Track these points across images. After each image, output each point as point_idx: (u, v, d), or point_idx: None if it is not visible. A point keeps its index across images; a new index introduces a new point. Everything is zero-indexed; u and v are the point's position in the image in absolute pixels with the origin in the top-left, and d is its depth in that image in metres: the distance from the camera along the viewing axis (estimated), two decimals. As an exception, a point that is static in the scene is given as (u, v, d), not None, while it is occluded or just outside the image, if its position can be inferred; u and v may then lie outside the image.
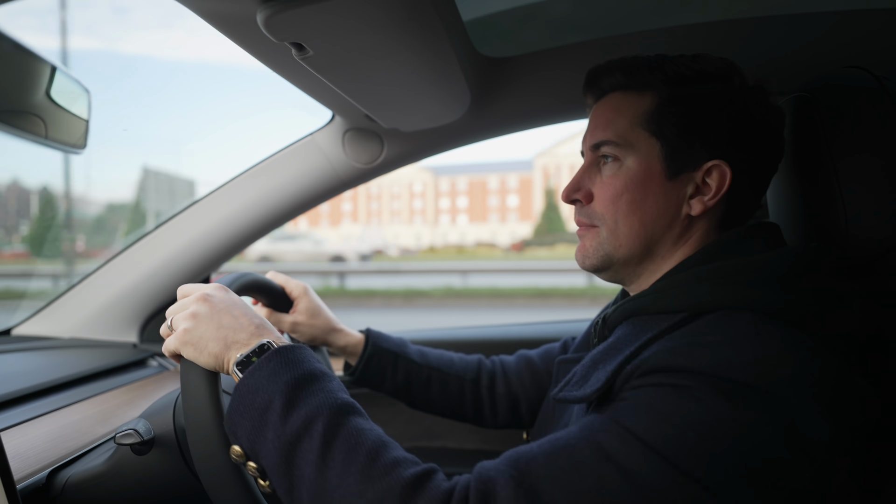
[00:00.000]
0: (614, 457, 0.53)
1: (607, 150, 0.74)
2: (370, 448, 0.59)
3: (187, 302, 0.71)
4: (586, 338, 0.98)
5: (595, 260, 0.76)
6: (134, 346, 1.40)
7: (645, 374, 0.58)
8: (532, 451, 0.58)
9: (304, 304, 1.00)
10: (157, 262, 1.34)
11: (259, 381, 0.63)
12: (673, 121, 0.71)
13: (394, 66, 0.79)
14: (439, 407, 1.07)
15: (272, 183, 1.28)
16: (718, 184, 0.71)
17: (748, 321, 0.60)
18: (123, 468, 0.77)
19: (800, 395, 0.54)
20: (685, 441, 0.52)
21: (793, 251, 0.66)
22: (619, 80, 0.75)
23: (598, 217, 0.75)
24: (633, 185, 0.72)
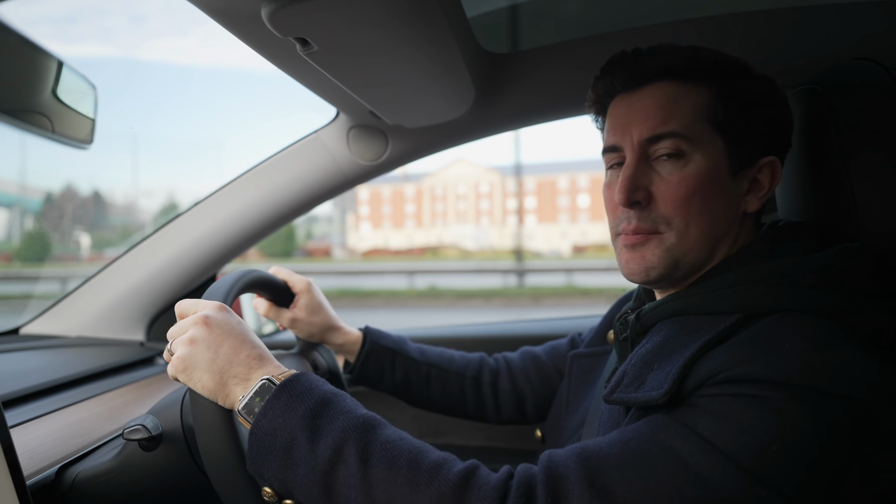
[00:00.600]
0: (693, 466, 0.52)
1: (669, 145, 0.68)
2: (409, 458, 0.59)
3: (186, 324, 0.69)
4: (600, 334, 0.97)
5: (662, 269, 0.69)
6: (141, 344, 1.41)
7: (723, 383, 0.55)
8: (603, 450, 0.56)
9: (306, 300, 1.00)
10: (163, 261, 1.35)
11: (274, 422, 0.61)
12: (734, 115, 0.69)
13: (398, 61, 0.79)
14: (440, 404, 1.07)
15: (277, 181, 1.29)
16: (770, 179, 0.71)
17: (810, 324, 0.58)
18: (132, 464, 0.78)
19: (881, 400, 0.53)
20: (769, 454, 0.51)
21: (841, 252, 0.65)
22: (678, 66, 0.69)
23: (663, 221, 0.69)
24: (705, 184, 0.68)
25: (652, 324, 0.71)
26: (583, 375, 0.93)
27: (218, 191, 1.33)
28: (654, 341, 0.67)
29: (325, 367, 1.05)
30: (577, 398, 0.92)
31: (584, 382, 0.93)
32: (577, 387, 0.93)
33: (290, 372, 0.67)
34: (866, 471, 0.52)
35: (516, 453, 1.38)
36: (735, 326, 0.61)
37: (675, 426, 0.55)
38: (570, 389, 0.94)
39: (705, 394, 0.56)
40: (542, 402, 1.06)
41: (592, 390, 0.89)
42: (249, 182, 1.31)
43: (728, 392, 0.55)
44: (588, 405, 0.87)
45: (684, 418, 0.56)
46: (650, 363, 0.64)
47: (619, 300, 1.00)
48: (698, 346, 0.60)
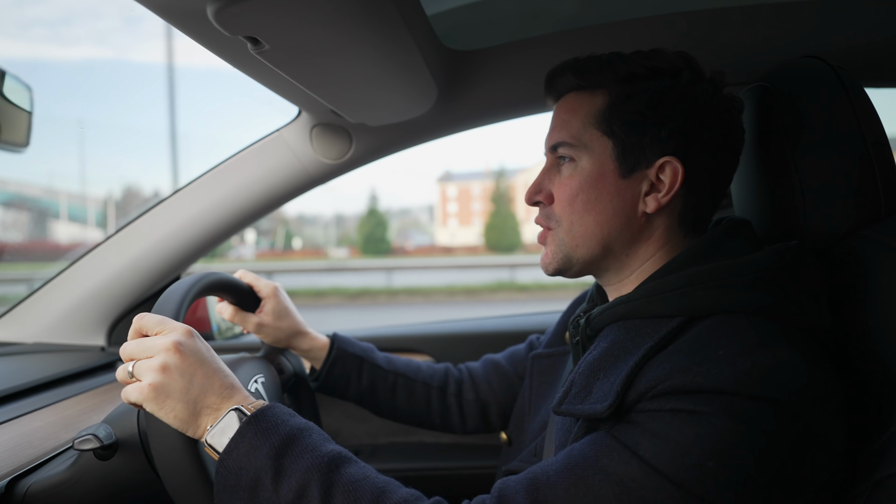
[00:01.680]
0: (635, 491, 0.54)
1: (564, 151, 0.75)
2: (371, 498, 0.59)
3: (153, 347, 0.65)
4: (558, 334, 0.98)
5: (556, 264, 0.77)
6: (102, 349, 1.37)
7: (660, 396, 0.57)
8: (550, 479, 0.58)
9: (272, 305, 0.98)
10: (124, 263, 1.32)
11: (239, 460, 0.61)
12: (623, 119, 0.71)
13: (354, 59, 0.78)
14: (405, 414, 1.06)
15: (240, 180, 1.26)
16: (671, 180, 0.70)
17: (747, 325, 0.60)
18: (87, 474, 0.76)
19: (808, 402, 0.55)
20: (706, 471, 0.53)
21: (779, 251, 0.66)
22: (573, 80, 0.76)
23: (554, 218, 0.76)
24: (588, 185, 0.73)
25: (600, 328, 0.73)
26: (543, 376, 0.94)
27: (179, 191, 1.30)
28: (601, 347, 0.68)
29: (291, 371, 1.04)
30: (538, 399, 0.93)
31: (544, 383, 0.94)
32: (538, 388, 0.94)
33: (258, 403, 0.66)
34: (799, 474, 0.54)
35: (484, 449, 1.38)
36: (676, 331, 0.63)
37: (617, 450, 0.57)
38: (532, 390, 0.95)
39: (644, 409, 0.58)
40: (505, 408, 1.07)
41: (553, 391, 0.90)
42: (211, 182, 1.28)
43: (666, 408, 0.57)
44: (549, 406, 0.87)
45: (626, 439, 0.57)
46: (596, 372, 0.66)
47: (574, 300, 1.02)
48: (640, 356, 0.61)
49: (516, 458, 0.88)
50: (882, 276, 0.64)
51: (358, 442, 1.45)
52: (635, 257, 0.75)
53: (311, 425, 0.66)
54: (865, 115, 0.71)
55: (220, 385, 0.65)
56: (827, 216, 0.72)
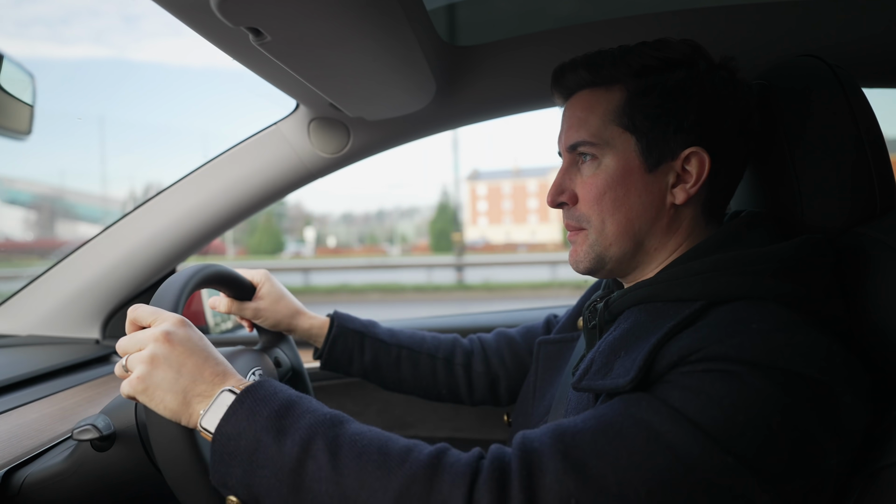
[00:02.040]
0: (664, 436, 0.54)
1: (585, 150, 0.74)
2: (378, 445, 0.58)
3: (144, 339, 0.65)
4: (570, 321, 0.98)
5: (588, 263, 0.75)
6: (96, 342, 1.37)
7: (693, 362, 0.57)
8: (577, 426, 0.57)
9: (267, 289, 0.99)
10: (119, 256, 1.31)
11: (238, 426, 0.60)
12: (644, 113, 0.71)
13: (355, 53, 0.78)
14: (411, 386, 1.06)
15: (237, 173, 1.26)
16: (699, 170, 0.71)
17: (773, 310, 0.60)
18: (84, 465, 0.76)
19: (841, 381, 0.56)
20: (735, 423, 0.53)
21: (803, 243, 0.67)
22: (586, 77, 0.74)
23: (584, 219, 0.74)
24: (615, 183, 0.72)
25: (620, 311, 0.73)
26: (550, 362, 0.94)
27: (175, 183, 1.30)
28: (622, 328, 0.68)
29: (288, 364, 1.04)
30: (544, 384, 0.93)
31: (551, 369, 0.94)
32: (544, 373, 0.94)
33: (251, 381, 0.66)
34: (820, 449, 0.55)
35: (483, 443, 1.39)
36: (698, 313, 0.63)
37: (646, 399, 0.57)
38: (538, 375, 0.95)
39: (677, 372, 0.58)
40: (514, 384, 1.07)
41: (559, 377, 0.90)
42: (208, 175, 1.28)
43: (699, 369, 0.57)
44: (555, 392, 0.88)
45: (657, 392, 0.57)
46: (617, 350, 0.65)
47: (589, 288, 1.01)
48: (664, 332, 0.61)
49: None
50: (878, 272, 0.65)
51: None
52: (663, 250, 0.74)
53: (308, 395, 0.66)
54: (862, 114, 0.72)
55: (211, 373, 0.65)
56: (824, 212, 0.73)
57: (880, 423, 0.60)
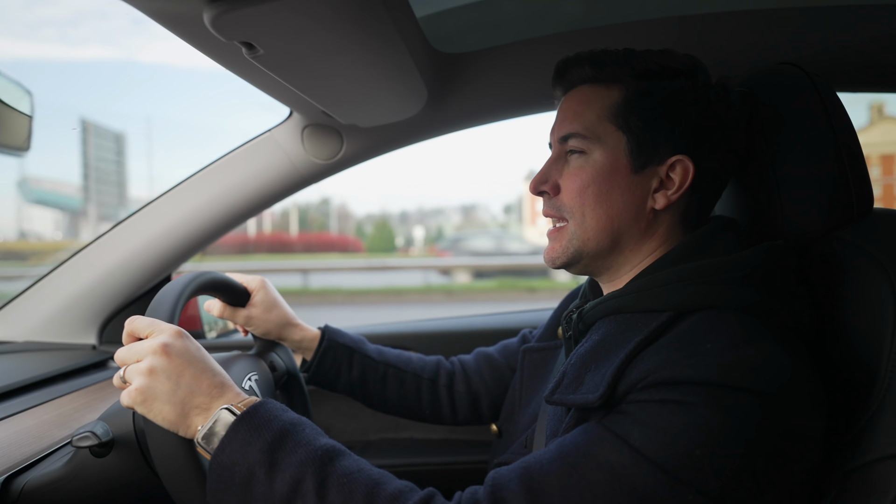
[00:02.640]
0: (626, 478, 0.56)
1: (575, 143, 0.75)
2: (365, 491, 0.60)
3: (142, 350, 0.66)
4: (550, 329, 1.00)
5: (565, 257, 0.77)
6: (93, 347, 1.37)
7: (650, 387, 0.59)
8: (544, 468, 0.59)
9: (260, 297, 0.99)
10: (115, 261, 1.32)
11: (233, 456, 0.62)
12: (639, 115, 0.72)
13: (346, 63, 0.79)
14: (395, 405, 1.07)
15: (232, 180, 1.27)
16: (682, 178, 0.72)
17: (734, 321, 0.62)
18: (83, 471, 0.77)
19: (791, 396, 0.58)
20: (693, 459, 0.55)
21: (767, 250, 0.68)
22: (588, 72, 0.76)
23: (566, 209, 0.76)
24: (600, 178, 0.73)
25: (592, 322, 0.75)
26: (534, 370, 0.96)
27: (171, 190, 1.31)
28: (593, 340, 0.70)
29: (283, 368, 1.05)
30: (529, 392, 0.95)
31: (535, 377, 0.95)
32: (529, 381, 0.96)
33: (250, 400, 0.67)
34: (782, 464, 0.57)
35: (474, 445, 1.41)
36: (665, 325, 0.65)
37: (608, 438, 0.59)
38: (523, 383, 0.96)
39: (635, 399, 0.60)
40: (496, 401, 1.09)
41: (544, 384, 0.92)
42: (203, 181, 1.29)
43: (655, 398, 0.58)
44: (540, 399, 0.89)
45: (616, 429, 0.59)
46: (588, 363, 0.67)
47: (567, 296, 1.03)
48: (631, 348, 0.63)
49: (507, 451, 0.90)
50: (855, 275, 0.67)
51: (349, 438, 1.47)
52: (638, 252, 0.76)
53: (303, 420, 0.67)
54: (839, 121, 0.74)
55: (208, 385, 0.66)
56: (803, 218, 0.74)
57: (854, 426, 0.62)
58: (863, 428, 0.61)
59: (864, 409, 0.61)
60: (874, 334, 0.62)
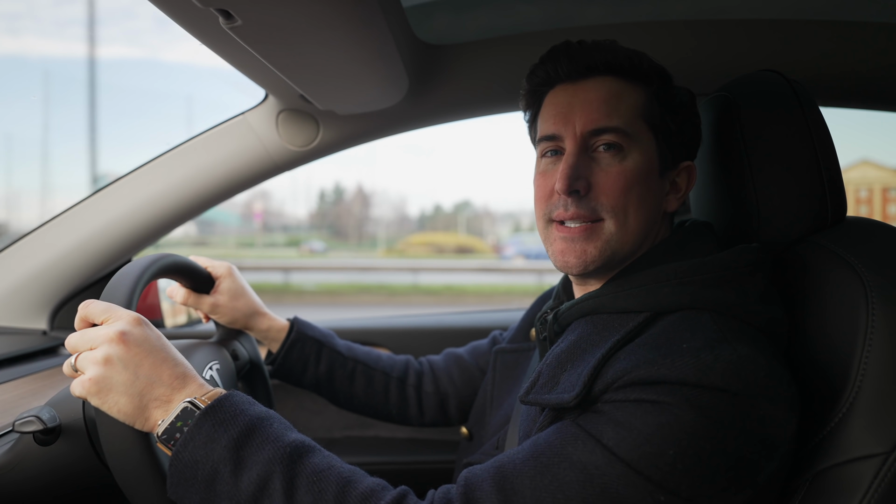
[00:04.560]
0: (598, 478, 0.55)
1: (610, 139, 0.70)
2: (336, 490, 0.58)
3: (97, 338, 0.62)
4: (522, 331, 0.99)
5: (601, 260, 0.71)
6: (43, 333, 1.31)
7: (626, 387, 0.59)
8: (517, 468, 0.58)
9: (227, 284, 0.96)
10: (71, 244, 1.26)
11: (196, 453, 0.59)
12: (667, 118, 0.73)
13: (328, 43, 0.77)
14: (362, 404, 1.05)
15: (200, 163, 1.23)
16: (687, 183, 0.75)
17: (709, 322, 0.62)
18: (26, 460, 0.72)
19: (764, 396, 0.58)
20: (666, 459, 0.55)
21: (741, 252, 0.68)
22: (622, 63, 0.71)
23: (605, 209, 0.70)
24: (641, 179, 0.71)
25: (568, 323, 0.74)
26: (507, 371, 0.95)
27: (135, 170, 1.25)
28: (569, 340, 0.69)
29: (246, 358, 1.01)
30: (501, 393, 0.94)
31: (508, 378, 0.94)
32: (501, 382, 0.95)
33: (214, 392, 0.63)
34: (753, 463, 0.57)
35: (441, 445, 1.39)
36: (641, 326, 0.64)
37: (582, 438, 0.58)
38: (495, 385, 0.95)
39: (610, 399, 0.59)
40: (464, 402, 1.07)
41: (516, 386, 0.91)
42: (170, 163, 1.24)
43: (631, 398, 0.58)
44: (513, 401, 0.88)
45: (590, 428, 0.58)
46: (564, 363, 0.67)
47: (539, 298, 1.03)
48: (607, 348, 0.63)
49: (478, 451, 0.88)
50: (829, 279, 0.68)
51: (312, 435, 1.42)
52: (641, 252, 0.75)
53: (271, 414, 0.64)
54: (817, 129, 0.75)
55: (169, 375, 0.62)
56: (779, 222, 0.75)
57: (824, 429, 0.62)
58: (832, 430, 0.62)
59: (834, 412, 0.62)
60: (846, 337, 0.63)
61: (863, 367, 0.61)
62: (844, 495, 0.60)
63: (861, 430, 0.60)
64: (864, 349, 0.61)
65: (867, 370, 0.61)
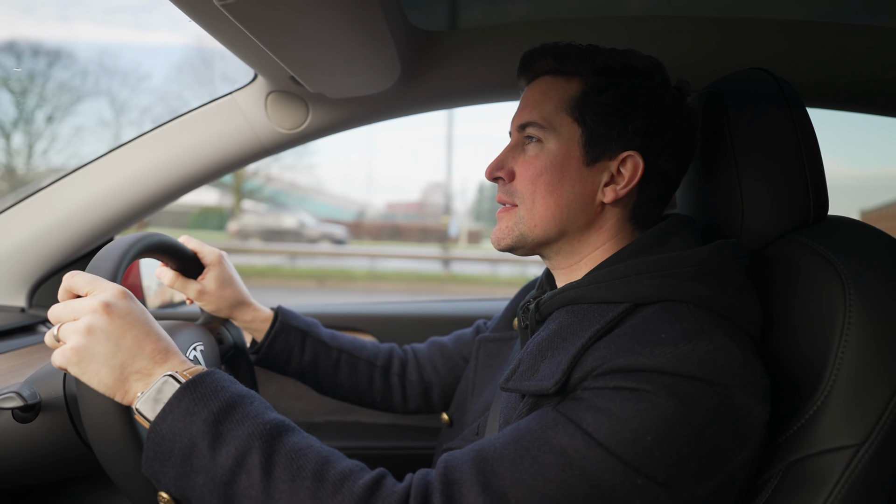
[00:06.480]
0: (577, 462, 0.56)
1: (532, 132, 0.76)
2: (314, 468, 0.58)
3: (80, 308, 0.62)
4: (506, 320, 1.00)
5: (510, 240, 0.78)
6: (22, 310, 1.28)
7: (605, 374, 0.60)
8: (497, 451, 0.59)
9: (216, 272, 0.95)
10: (52, 220, 1.23)
11: (174, 426, 0.58)
12: (595, 108, 0.74)
13: (321, 23, 0.76)
14: (346, 392, 1.06)
15: (186, 142, 1.21)
16: (631, 174, 0.74)
17: (687, 313, 0.64)
18: (4, 437, 0.71)
19: (739, 387, 0.59)
20: (643, 445, 0.56)
21: (719, 247, 0.70)
22: (551, 63, 0.77)
23: (517, 195, 0.77)
24: (553, 167, 0.75)
25: (549, 312, 0.75)
26: (489, 360, 0.96)
27: (119, 147, 1.23)
28: (550, 329, 0.71)
29: (231, 342, 1.01)
30: (482, 381, 0.95)
31: (489, 367, 0.95)
32: (483, 370, 0.96)
33: (196, 368, 0.63)
34: (726, 451, 0.58)
35: (423, 430, 1.40)
36: (621, 316, 0.66)
37: (562, 423, 0.59)
38: (477, 373, 0.96)
39: (590, 386, 0.61)
40: (447, 390, 1.08)
41: (498, 375, 0.92)
42: (155, 141, 1.22)
43: (610, 385, 0.59)
44: (493, 388, 0.89)
45: (571, 414, 0.60)
46: (544, 352, 0.68)
47: (523, 288, 1.04)
48: (588, 337, 0.64)
49: (458, 437, 0.89)
50: (808, 275, 0.69)
51: (294, 419, 1.43)
52: (586, 244, 0.78)
53: (252, 393, 0.64)
54: (803, 128, 0.76)
55: (152, 349, 0.62)
56: (762, 219, 0.77)
57: (797, 421, 0.64)
58: (807, 422, 0.63)
59: (810, 403, 0.64)
60: (823, 331, 0.65)
61: (839, 361, 0.63)
62: (815, 485, 0.62)
63: (834, 422, 0.62)
64: (840, 343, 0.63)
65: (843, 363, 0.62)
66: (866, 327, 0.62)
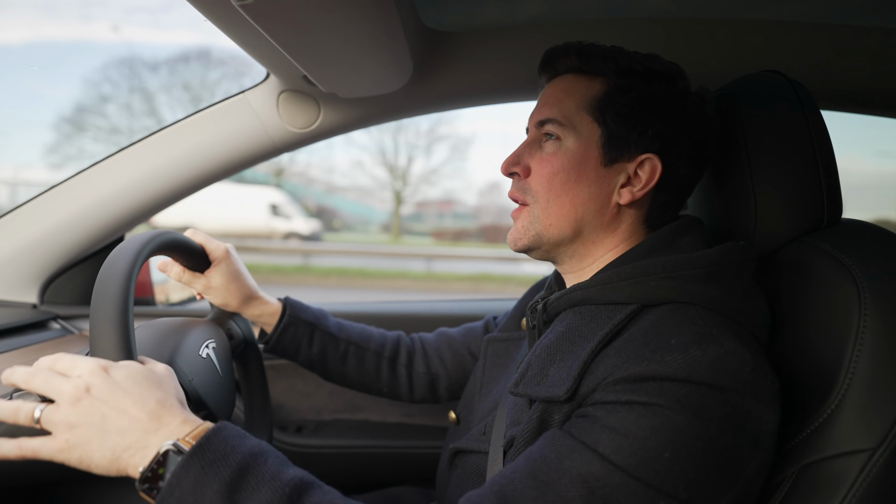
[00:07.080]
0: (599, 490, 0.55)
1: (550, 129, 0.76)
2: None
3: (61, 393, 0.58)
4: (514, 320, 1.00)
5: (526, 241, 0.77)
6: (33, 306, 1.29)
7: (616, 384, 0.59)
8: (517, 489, 0.58)
9: (224, 267, 0.95)
10: (64, 218, 1.24)
11: (183, 499, 0.54)
12: (616, 110, 0.74)
13: (337, 23, 0.76)
14: (354, 381, 1.07)
15: (199, 141, 1.21)
16: (648, 177, 0.74)
17: (696, 316, 0.63)
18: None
19: (751, 392, 0.59)
20: (661, 462, 0.55)
21: (729, 249, 0.70)
22: (575, 62, 0.77)
23: (531, 193, 0.76)
24: (570, 166, 0.74)
25: (557, 313, 0.75)
26: (497, 360, 0.96)
27: (131, 146, 1.24)
28: (557, 331, 0.70)
29: (241, 337, 1.01)
30: (490, 381, 0.95)
31: (498, 366, 0.95)
32: (491, 370, 0.96)
33: (200, 429, 0.59)
34: (740, 458, 0.58)
35: (431, 430, 1.40)
36: (629, 318, 0.66)
37: (578, 449, 0.58)
38: (485, 372, 0.96)
39: (601, 400, 0.60)
40: (454, 383, 1.09)
41: (505, 374, 0.92)
42: (168, 140, 1.22)
43: (622, 400, 0.59)
44: (501, 388, 0.89)
45: (585, 437, 0.59)
46: (552, 355, 0.68)
47: (531, 287, 1.04)
48: (597, 342, 0.64)
49: (464, 437, 0.89)
50: (820, 278, 0.69)
51: (302, 418, 1.44)
52: (600, 245, 0.77)
53: (265, 448, 0.60)
54: (817, 131, 0.76)
55: (139, 414, 0.58)
56: (776, 221, 0.76)
57: (810, 425, 0.64)
58: (820, 425, 0.63)
59: (824, 407, 0.63)
60: (838, 335, 0.64)
61: (853, 364, 0.62)
62: (829, 489, 0.61)
63: (849, 425, 0.62)
64: (855, 346, 0.63)
65: (857, 367, 0.62)
66: (882, 330, 0.62)
